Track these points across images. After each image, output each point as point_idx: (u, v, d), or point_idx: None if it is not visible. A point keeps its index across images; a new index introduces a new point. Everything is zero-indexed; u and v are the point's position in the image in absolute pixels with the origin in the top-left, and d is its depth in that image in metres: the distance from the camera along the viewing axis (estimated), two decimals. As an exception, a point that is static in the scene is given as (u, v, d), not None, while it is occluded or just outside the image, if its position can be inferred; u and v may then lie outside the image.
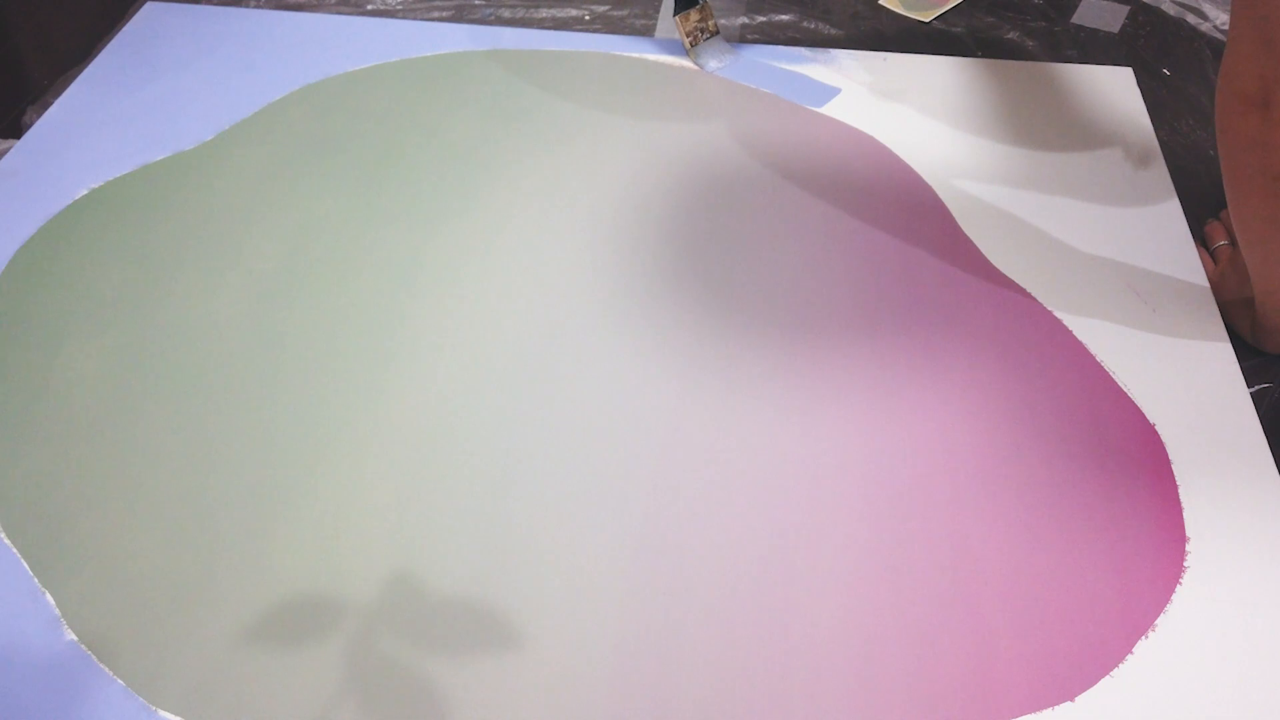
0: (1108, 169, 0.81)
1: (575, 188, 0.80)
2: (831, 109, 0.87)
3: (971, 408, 0.65)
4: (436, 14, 1.00)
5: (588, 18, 0.99)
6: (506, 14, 1.00)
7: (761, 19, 1.00)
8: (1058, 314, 0.70)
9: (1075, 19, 1.00)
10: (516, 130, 0.85)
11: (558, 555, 0.58)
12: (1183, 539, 0.58)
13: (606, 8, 1.00)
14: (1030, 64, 0.93)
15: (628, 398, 0.66)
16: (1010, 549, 0.58)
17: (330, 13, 1.00)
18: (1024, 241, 0.75)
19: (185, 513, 0.60)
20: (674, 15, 0.90)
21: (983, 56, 0.94)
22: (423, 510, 0.60)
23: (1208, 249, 0.75)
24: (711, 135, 0.85)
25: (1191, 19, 1.00)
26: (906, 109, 0.87)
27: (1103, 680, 0.53)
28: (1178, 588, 0.56)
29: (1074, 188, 0.79)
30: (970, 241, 0.76)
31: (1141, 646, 0.54)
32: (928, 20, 0.99)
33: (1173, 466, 0.62)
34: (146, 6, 0.99)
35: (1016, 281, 0.73)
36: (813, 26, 0.99)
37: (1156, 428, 0.64)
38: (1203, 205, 0.79)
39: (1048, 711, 0.52)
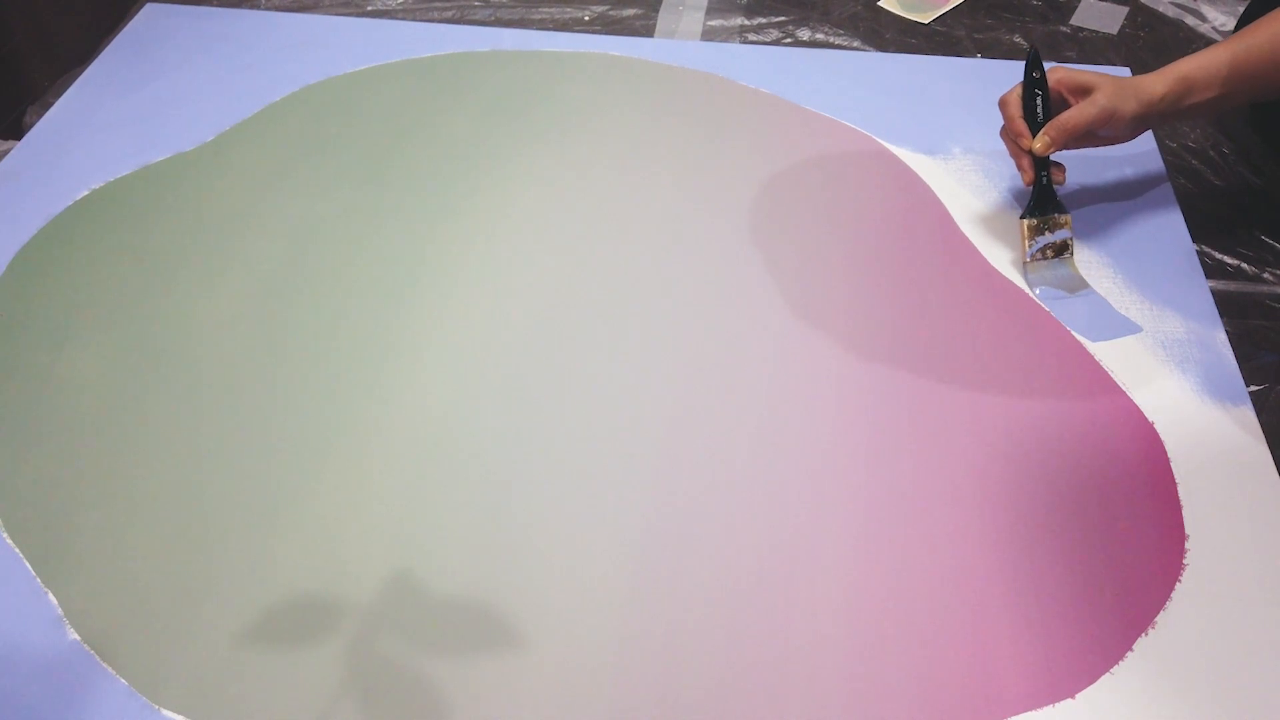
0: (1106, 169, 0.81)
1: (575, 188, 0.80)
2: (831, 109, 0.87)
3: (971, 407, 0.65)
4: (436, 14, 1.00)
5: (588, 18, 1.00)
6: (506, 14, 1.00)
7: (760, 19, 1.00)
8: (1056, 314, 0.71)
9: (1074, 20, 1.00)
10: (516, 131, 0.85)
11: (558, 555, 0.58)
12: (1182, 537, 0.58)
13: (606, 8, 1.01)
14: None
15: (628, 397, 0.66)
16: (1010, 547, 0.58)
17: (330, 13, 1.00)
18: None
19: (187, 512, 0.60)
20: (1020, 218, 0.73)
21: (982, 58, 0.95)
22: (423, 509, 0.60)
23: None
24: (711, 135, 0.85)
25: (1190, 20, 1.00)
26: (906, 109, 0.87)
27: (1103, 678, 0.53)
28: (1177, 585, 0.56)
29: (1072, 187, 0.79)
30: (969, 242, 0.76)
31: (1141, 644, 0.54)
32: (927, 22, 1.00)
33: (1172, 465, 0.62)
34: (146, 7, 0.99)
35: (1015, 282, 0.73)
36: (812, 27, 0.99)
37: (1155, 426, 0.64)
38: (1202, 205, 0.80)
39: (1048, 708, 0.52)
